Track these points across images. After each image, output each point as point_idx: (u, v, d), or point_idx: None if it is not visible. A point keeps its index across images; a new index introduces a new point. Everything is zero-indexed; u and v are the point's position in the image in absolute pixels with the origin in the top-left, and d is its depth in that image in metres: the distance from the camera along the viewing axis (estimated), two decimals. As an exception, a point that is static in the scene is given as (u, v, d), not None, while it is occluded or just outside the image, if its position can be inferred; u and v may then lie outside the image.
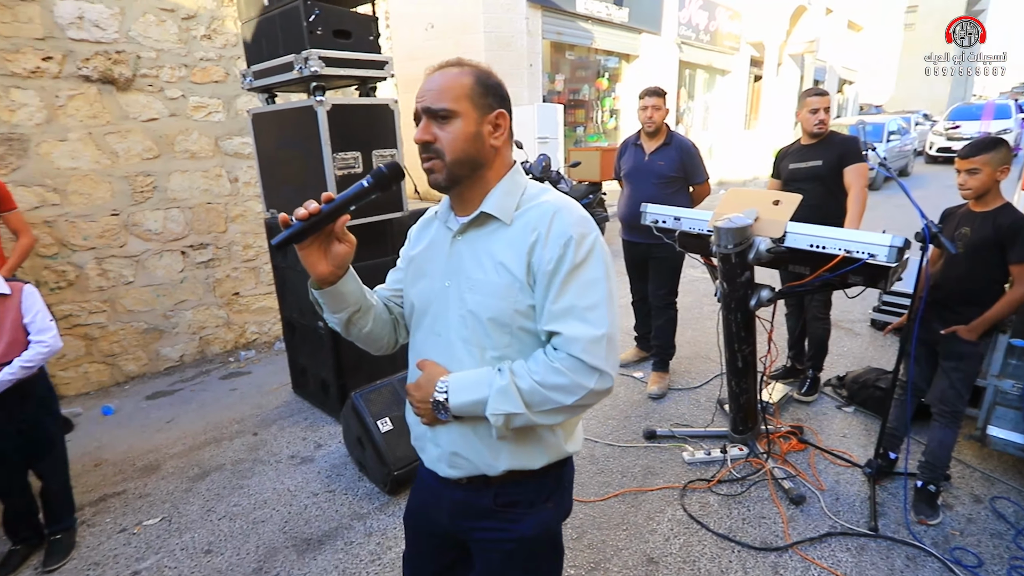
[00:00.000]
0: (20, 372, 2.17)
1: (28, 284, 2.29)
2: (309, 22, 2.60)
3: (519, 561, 1.18)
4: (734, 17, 15.56)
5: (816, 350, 3.40)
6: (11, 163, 3.43)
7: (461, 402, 1.05)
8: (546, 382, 1.01)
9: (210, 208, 4.31)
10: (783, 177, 3.31)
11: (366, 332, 1.21)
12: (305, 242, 1.05)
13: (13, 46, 3.32)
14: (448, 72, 1.06)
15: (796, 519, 2.43)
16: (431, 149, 1.05)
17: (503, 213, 1.08)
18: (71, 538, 2.47)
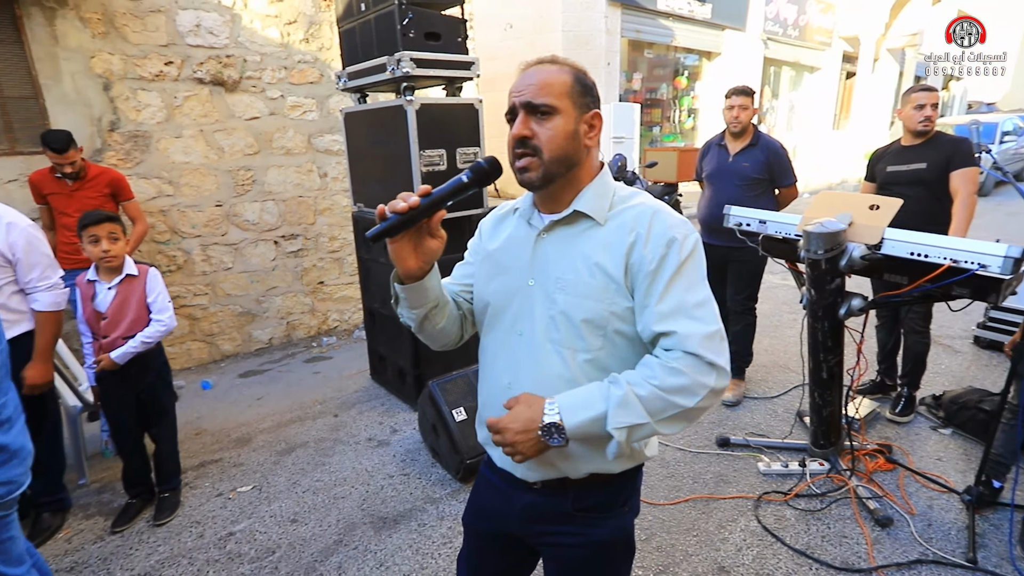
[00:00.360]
0: (141, 346, 2.42)
1: (153, 267, 2.54)
2: (403, 25, 2.72)
3: (596, 566, 1.16)
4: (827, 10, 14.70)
5: (913, 366, 3.18)
6: (135, 157, 3.82)
7: (579, 421, 0.94)
8: (665, 385, 0.94)
9: (301, 201, 4.60)
10: (879, 180, 3.10)
11: (439, 328, 1.18)
12: (398, 235, 1.01)
13: (142, 52, 3.70)
14: (547, 68, 1.04)
15: (882, 542, 2.30)
16: (528, 145, 1.02)
17: (597, 213, 1.05)
18: (177, 497, 2.73)
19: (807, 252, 2.34)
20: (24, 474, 1.52)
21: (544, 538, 1.18)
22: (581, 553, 1.14)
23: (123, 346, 2.39)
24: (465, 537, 1.36)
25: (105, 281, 2.42)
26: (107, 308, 2.39)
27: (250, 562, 2.34)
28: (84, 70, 3.53)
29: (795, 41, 13.77)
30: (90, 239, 2.33)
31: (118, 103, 3.69)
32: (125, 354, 2.38)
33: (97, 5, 3.50)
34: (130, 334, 2.41)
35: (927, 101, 2.89)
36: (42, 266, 2.28)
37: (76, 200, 3.19)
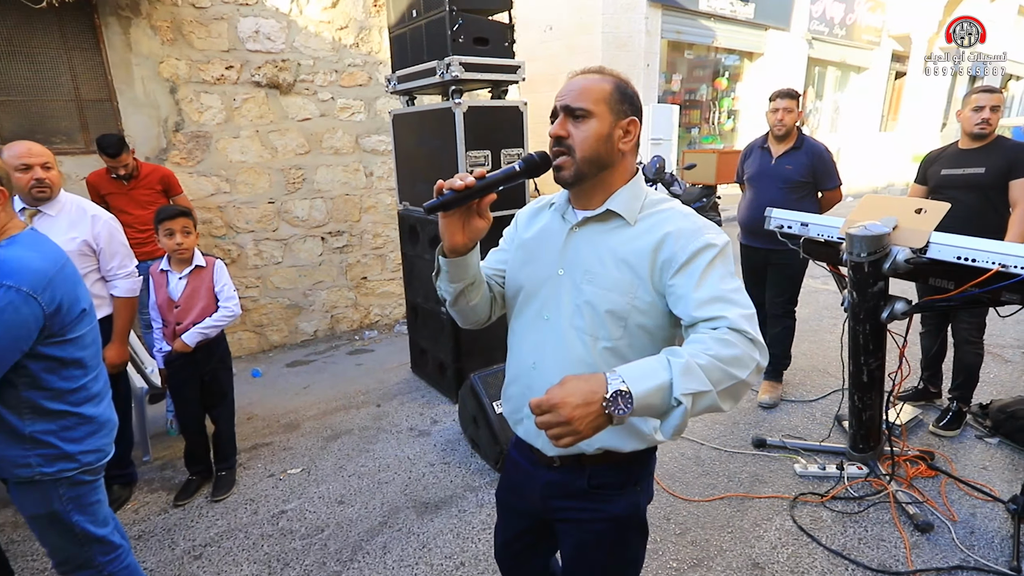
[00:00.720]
0: (211, 330, 2.61)
1: (219, 259, 2.72)
2: (453, 31, 2.84)
3: (609, 540, 1.24)
4: (876, 8, 14.27)
5: (964, 379, 3.07)
6: (197, 156, 4.05)
7: (645, 388, 0.88)
8: (721, 356, 0.93)
9: (347, 199, 4.78)
10: (932, 184, 3.00)
11: (472, 305, 1.26)
12: (451, 212, 1.10)
13: (205, 58, 3.93)
14: (590, 77, 1.13)
15: (921, 546, 2.29)
16: (563, 144, 1.11)
17: (628, 213, 1.13)
18: (233, 475, 2.90)
19: (850, 255, 2.35)
20: (110, 444, 1.69)
21: (562, 513, 1.27)
22: (596, 527, 1.23)
23: (193, 328, 2.57)
24: (498, 511, 1.49)
25: (176, 271, 2.61)
26: (179, 296, 2.58)
27: (301, 538, 2.49)
28: (153, 74, 3.78)
29: (842, 40, 13.42)
30: (166, 232, 2.51)
31: (183, 105, 3.92)
32: (196, 336, 2.57)
33: (167, 14, 3.74)
34: (199, 321, 2.59)
35: (987, 103, 2.79)
36: (121, 255, 2.49)
37: (132, 198, 3.43)
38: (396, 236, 4.95)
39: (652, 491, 1.33)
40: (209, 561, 2.37)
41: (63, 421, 1.53)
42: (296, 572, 2.29)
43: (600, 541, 1.25)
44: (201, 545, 2.47)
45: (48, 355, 1.47)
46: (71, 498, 1.56)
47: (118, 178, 3.40)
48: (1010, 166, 2.75)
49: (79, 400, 1.56)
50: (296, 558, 2.37)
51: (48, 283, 1.42)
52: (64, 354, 1.51)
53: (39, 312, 1.40)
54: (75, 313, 1.52)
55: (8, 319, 1.34)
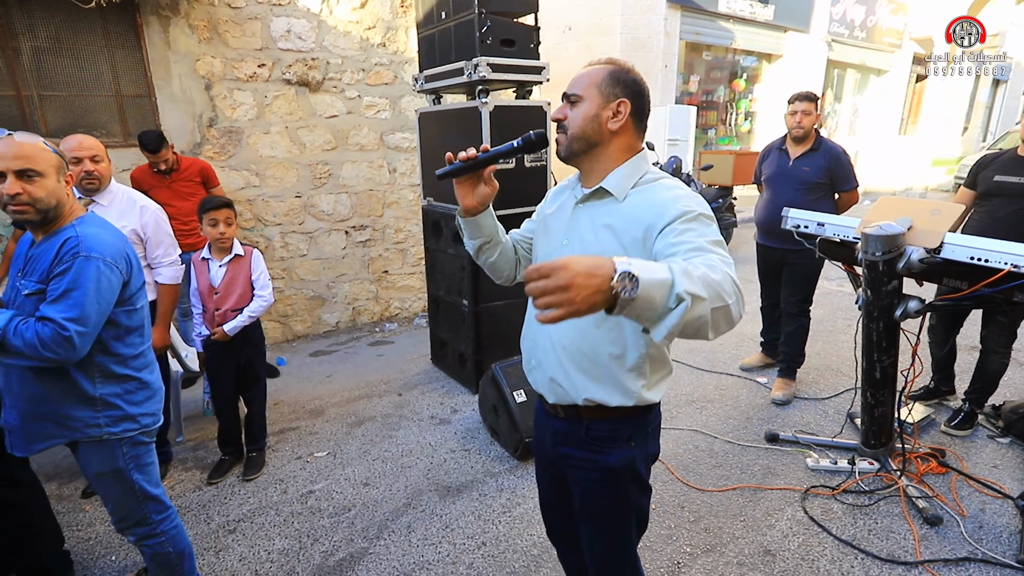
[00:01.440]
0: (248, 319, 2.75)
1: (256, 249, 2.85)
2: (481, 32, 2.94)
3: (605, 489, 1.38)
4: (897, 11, 14.14)
5: (984, 384, 3.10)
6: (229, 151, 4.20)
7: (651, 278, 0.84)
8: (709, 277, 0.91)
9: (371, 195, 4.91)
10: (982, 188, 2.95)
11: (491, 262, 1.49)
12: (461, 178, 1.34)
13: (239, 56, 4.07)
14: (592, 66, 1.28)
15: (929, 539, 2.36)
16: (561, 126, 1.29)
17: (617, 191, 1.25)
18: (263, 457, 3.04)
19: (865, 254, 2.42)
20: (161, 410, 1.85)
21: (568, 461, 1.42)
22: (594, 476, 1.38)
23: (233, 319, 2.71)
24: (535, 460, 1.67)
25: (217, 259, 2.74)
26: (219, 283, 2.71)
27: (328, 517, 2.61)
28: (190, 72, 3.93)
29: (862, 43, 13.32)
30: (210, 222, 2.64)
31: (217, 101, 4.07)
32: (236, 327, 2.71)
33: (204, 14, 3.88)
34: (237, 307, 2.72)
35: None
36: (165, 244, 2.62)
37: (174, 191, 3.57)
38: (417, 231, 5.08)
39: (655, 450, 1.43)
40: (243, 535, 2.50)
41: (127, 384, 1.69)
42: (325, 547, 2.41)
43: (599, 489, 1.39)
44: (235, 520, 2.60)
45: (117, 322, 1.63)
46: (132, 457, 1.72)
47: (159, 172, 3.55)
48: None
49: (140, 366, 1.73)
50: (325, 534, 2.49)
51: (122, 255, 1.60)
52: (129, 322, 1.67)
53: (119, 280, 1.58)
54: (139, 283, 1.70)
55: (103, 286, 1.53)
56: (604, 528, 1.44)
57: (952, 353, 3.31)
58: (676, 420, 3.37)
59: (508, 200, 3.28)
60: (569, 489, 1.51)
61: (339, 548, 2.40)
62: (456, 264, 3.57)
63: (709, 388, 3.77)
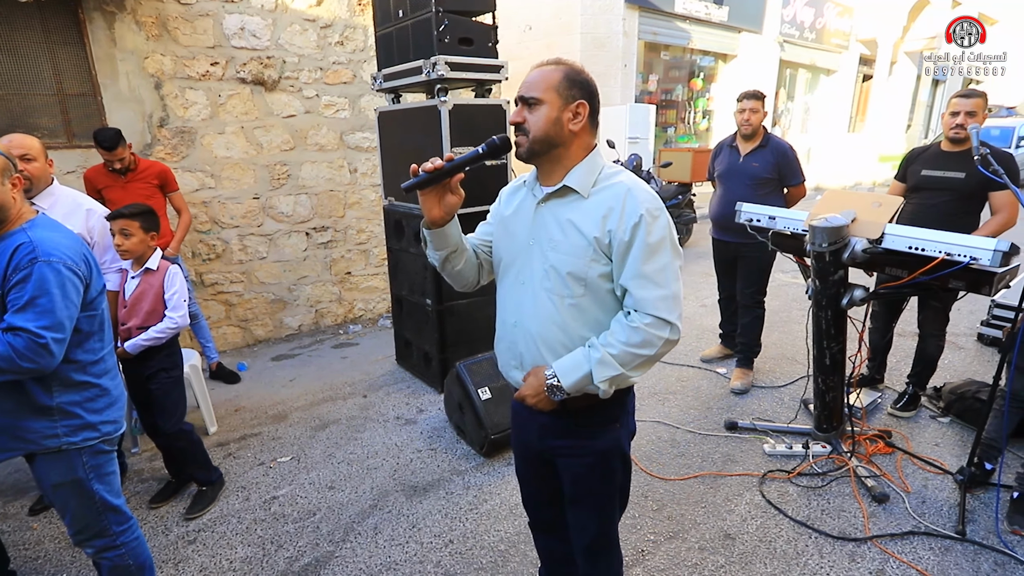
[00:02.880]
0: (152, 340, 2.46)
1: (174, 265, 2.57)
2: (439, 31, 2.94)
3: (597, 470, 1.46)
4: (844, 13, 14.72)
5: (924, 367, 3.28)
6: (182, 152, 4.08)
7: (572, 381, 1.27)
8: (631, 342, 1.25)
9: (332, 195, 4.84)
10: (912, 183, 3.06)
11: (457, 270, 1.48)
12: (427, 189, 1.31)
13: (191, 54, 3.95)
14: (545, 68, 1.30)
15: (877, 515, 2.48)
16: (521, 129, 1.30)
17: (582, 187, 1.30)
18: (213, 493, 2.72)
19: (813, 245, 2.52)
20: (123, 417, 1.80)
21: (557, 451, 1.48)
22: (585, 461, 1.45)
23: (136, 337, 2.45)
24: (514, 456, 1.70)
25: (133, 271, 2.52)
26: (128, 297, 2.48)
27: (293, 522, 2.57)
28: (138, 70, 3.79)
29: (812, 44, 13.82)
30: (112, 230, 2.43)
31: (167, 101, 3.95)
32: (137, 346, 2.45)
33: (152, 10, 3.76)
34: (145, 325, 2.47)
35: (962, 109, 2.81)
36: (114, 250, 2.52)
37: (128, 192, 3.43)
38: (380, 232, 5.03)
39: (634, 427, 1.54)
40: (204, 545, 2.44)
41: (87, 392, 1.63)
42: (290, 553, 2.37)
43: (591, 472, 1.46)
44: (195, 531, 2.53)
45: (79, 327, 1.58)
46: (92, 467, 1.67)
47: (114, 172, 3.41)
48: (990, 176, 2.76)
49: (99, 372, 1.67)
50: (289, 540, 2.45)
51: (81, 257, 1.55)
52: (90, 326, 1.62)
53: (81, 283, 1.54)
54: (99, 286, 1.65)
55: (69, 291, 1.48)
56: (594, 509, 1.51)
57: (889, 342, 3.48)
58: (640, 412, 3.44)
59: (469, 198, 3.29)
60: (556, 479, 1.56)
61: (304, 553, 2.37)
62: (419, 263, 3.56)
63: (671, 380, 3.86)
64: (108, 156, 3.31)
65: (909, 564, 2.20)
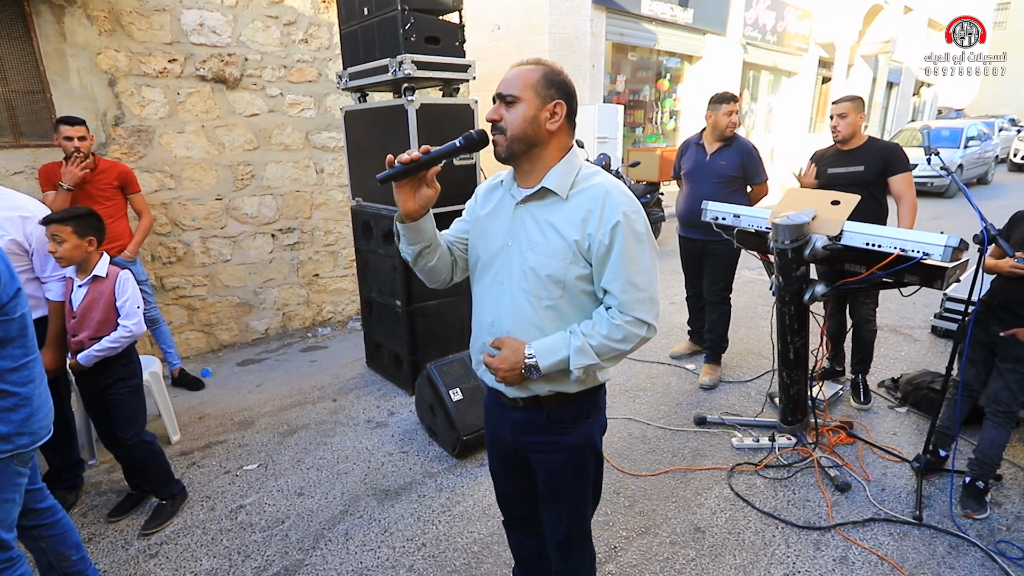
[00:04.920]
0: (107, 351, 2.35)
1: (125, 271, 2.43)
2: (405, 29, 2.91)
3: (571, 465, 1.48)
4: (803, 17, 15.14)
5: (864, 353, 3.43)
6: (139, 151, 3.93)
7: (549, 363, 1.30)
8: (611, 336, 1.29)
9: (298, 196, 4.74)
10: (822, 182, 3.33)
11: (430, 266, 1.47)
12: (402, 182, 1.29)
13: (147, 50, 3.82)
14: (524, 67, 1.30)
15: (840, 504, 2.56)
16: (497, 127, 1.29)
17: (560, 189, 1.30)
18: (173, 506, 2.62)
19: (775, 243, 2.58)
20: (45, 429, 1.68)
21: (530, 447, 1.49)
22: (558, 456, 1.47)
23: (89, 348, 2.34)
24: (488, 455, 1.70)
25: (79, 279, 2.38)
26: (77, 307, 2.35)
27: (261, 531, 2.51)
28: (90, 66, 3.64)
29: (773, 46, 14.17)
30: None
31: (123, 98, 3.80)
32: (90, 357, 2.33)
33: (104, 3, 3.61)
34: (98, 335, 2.35)
35: (834, 113, 3.24)
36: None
37: (87, 192, 3.29)
38: (348, 233, 4.95)
39: (605, 422, 1.57)
40: (166, 558, 2.36)
41: (4, 401, 1.53)
42: (258, 563, 2.31)
43: (564, 467, 1.48)
44: (156, 544, 2.44)
45: None
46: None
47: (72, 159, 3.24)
48: (885, 164, 3.13)
49: (20, 380, 1.57)
50: (257, 549, 2.39)
51: None
52: (5, 332, 1.52)
53: None
54: (11, 291, 1.53)
55: None
56: (567, 505, 1.53)
57: (843, 329, 3.60)
58: (611, 410, 3.46)
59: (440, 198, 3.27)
60: (529, 476, 1.57)
61: (272, 562, 2.31)
62: (388, 264, 3.51)
63: (641, 377, 3.90)
64: (69, 131, 3.14)
65: (870, 550, 2.27)
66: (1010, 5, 32.19)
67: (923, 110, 24.70)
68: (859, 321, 3.41)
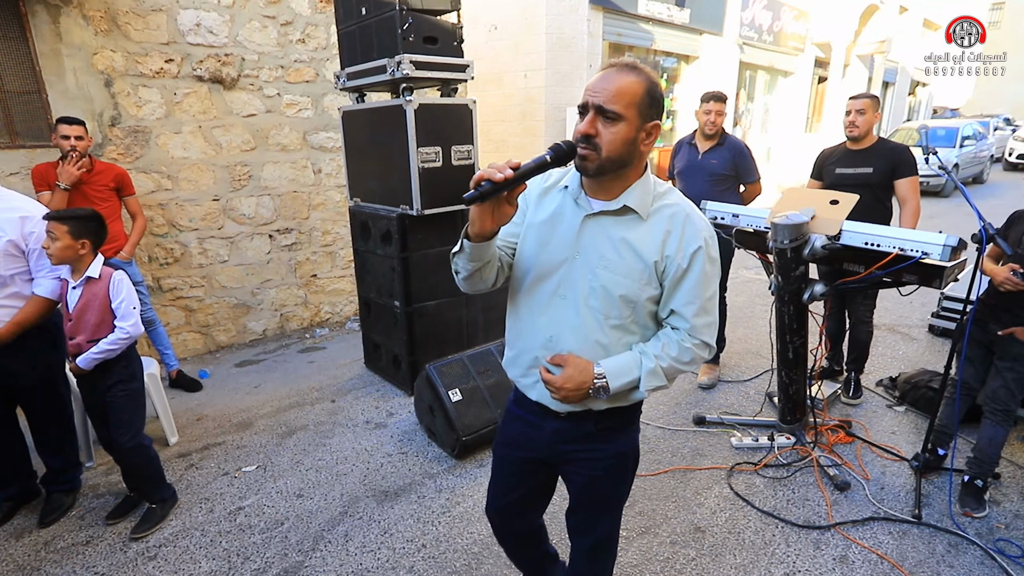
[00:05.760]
0: (105, 353, 2.33)
1: (118, 272, 2.41)
2: (403, 30, 2.90)
3: (615, 472, 1.46)
4: (800, 17, 15.17)
5: (859, 353, 3.45)
6: (135, 152, 3.92)
7: (619, 384, 1.27)
8: (680, 359, 1.30)
9: (296, 196, 4.73)
10: (828, 181, 3.33)
11: (483, 279, 1.35)
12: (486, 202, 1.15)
13: (143, 50, 3.80)
14: (626, 77, 1.17)
15: (840, 503, 2.56)
16: (591, 142, 1.18)
17: (642, 209, 1.26)
18: (163, 511, 2.60)
19: (775, 242, 2.58)
20: None
21: (570, 455, 1.44)
22: (604, 463, 1.43)
23: (88, 351, 2.32)
24: (494, 465, 1.64)
25: (73, 280, 2.35)
26: (73, 308, 2.33)
27: (260, 532, 2.50)
28: (86, 66, 3.63)
29: (770, 46, 14.20)
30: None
31: (119, 99, 3.78)
32: (90, 360, 2.32)
33: (100, 3, 3.59)
34: (96, 338, 2.34)
35: (852, 108, 3.17)
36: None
37: (83, 193, 3.28)
38: (346, 233, 4.94)
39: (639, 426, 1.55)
40: (165, 561, 2.34)
41: None
42: (257, 565, 2.31)
43: (608, 474, 1.45)
44: (155, 546, 2.43)
45: None
46: None
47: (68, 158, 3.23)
48: (893, 167, 3.12)
49: None
50: (256, 551, 2.38)
51: None
52: None
53: None
54: None
55: None
56: (606, 510, 1.51)
57: (843, 329, 3.61)
58: (610, 409, 3.47)
59: (436, 199, 3.27)
60: (546, 485, 1.56)
61: (272, 564, 2.30)
62: (386, 265, 3.51)
63: (640, 377, 3.90)
64: (67, 129, 3.14)
65: (870, 549, 2.28)
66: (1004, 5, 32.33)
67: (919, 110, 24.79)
68: (855, 322, 3.42)
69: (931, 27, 22.83)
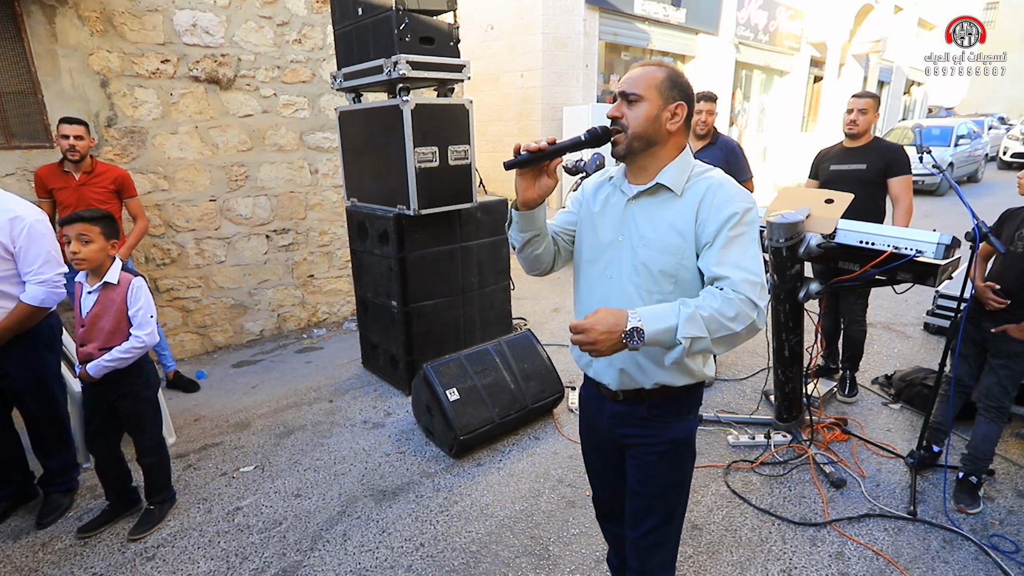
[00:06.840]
0: (118, 362, 2.29)
1: (138, 278, 2.36)
2: (399, 30, 2.90)
3: (669, 459, 1.46)
4: (795, 17, 15.21)
5: (853, 352, 3.47)
6: (132, 153, 3.91)
7: (655, 329, 1.17)
8: (723, 311, 1.18)
9: (292, 196, 4.73)
10: (823, 178, 3.38)
11: (536, 254, 1.50)
12: (525, 170, 1.34)
13: (139, 51, 3.80)
14: (648, 68, 1.33)
15: (836, 500, 2.58)
16: (618, 123, 1.33)
17: (675, 185, 1.32)
18: (162, 512, 2.60)
19: (770, 241, 2.60)
20: None
21: (627, 439, 1.49)
22: (656, 448, 1.45)
23: (99, 359, 2.27)
24: (582, 445, 1.72)
25: (88, 284, 2.29)
26: (86, 314, 2.27)
27: (258, 532, 2.50)
28: (82, 67, 3.62)
29: (765, 46, 14.24)
30: (64, 238, 2.21)
31: (115, 99, 3.78)
32: (101, 367, 2.27)
33: (96, 4, 3.59)
34: (108, 346, 2.28)
35: (855, 107, 3.21)
36: (41, 260, 2.29)
37: (82, 195, 3.27)
38: (343, 233, 4.94)
39: (699, 417, 1.55)
40: (163, 561, 2.35)
41: None
42: (256, 564, 2.31)
43: (661, 460, 1.46)
44: (153, 547, 2.43)
45: None
46: None
47: (69, 167, 3.24)
48: (887, 165, 3.16)
49: None
50: (255, 551, 2.38)
51: None
52: None
53: None
54: None
55: None
56: (656, 499, 1.49)
57: (838, 326, 3.63)
58: (607, 408, 3.48)
59: (433, 199, 3.27)
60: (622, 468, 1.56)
61: (270, 564, 2.31)
62: (383, 265, 3.51)
63: (637, 376, 3.91)
64: (68, 129, 3.14)
65: (865, 545, 2.29)
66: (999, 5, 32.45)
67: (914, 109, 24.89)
68: (848, 321, 3.45)
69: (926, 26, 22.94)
